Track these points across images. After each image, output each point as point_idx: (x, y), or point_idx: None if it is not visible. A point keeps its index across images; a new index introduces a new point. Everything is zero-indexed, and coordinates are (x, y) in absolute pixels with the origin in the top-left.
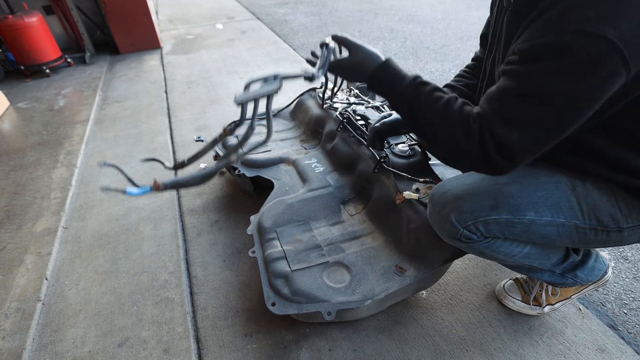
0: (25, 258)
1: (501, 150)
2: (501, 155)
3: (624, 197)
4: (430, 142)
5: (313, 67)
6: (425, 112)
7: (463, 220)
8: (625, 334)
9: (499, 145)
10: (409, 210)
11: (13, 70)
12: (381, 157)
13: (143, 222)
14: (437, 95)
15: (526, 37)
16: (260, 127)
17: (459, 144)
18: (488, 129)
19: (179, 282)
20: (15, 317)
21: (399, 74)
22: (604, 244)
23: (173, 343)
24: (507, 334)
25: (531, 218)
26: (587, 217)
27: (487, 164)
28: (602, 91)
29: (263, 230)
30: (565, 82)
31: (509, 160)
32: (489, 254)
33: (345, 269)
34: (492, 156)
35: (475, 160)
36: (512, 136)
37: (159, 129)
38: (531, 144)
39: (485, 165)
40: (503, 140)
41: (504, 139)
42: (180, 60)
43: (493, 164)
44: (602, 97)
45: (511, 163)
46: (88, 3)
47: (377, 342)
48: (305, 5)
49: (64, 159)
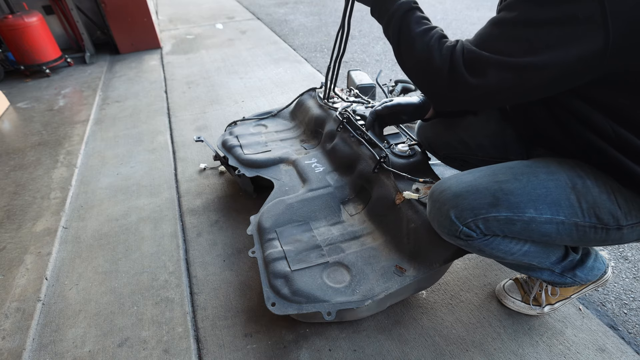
0: (25, 258)
1: (469, 63)
2: (468, 68)
3: (624, 194)
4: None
5: None
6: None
7: (462, 217)
8: (625, 334)
9: (468, 59)
10: (408, 210)
11: (13, 70)
12: (381, 157)
13: (143, 222)
14: (424, 21)
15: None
16: (260, 127)
17: (432, 63)
18: (462, 49)
19: (179, 282)
20: (15, 317)
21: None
22: (603, 242)
23: (173, 343)
24: (507, 334)
25: (531, 216)
26: (586, 215)
27: (452, 81)
28: (573, 36)
29: (263, 230)
30: (541, 14)
31: (475, 74)
32: (489, 252)
33: (345, 269)
34: (460, 70)
35: (442, 78)
36: (483, 53)
37: (159, 129)
38: (498, 63)
39: (450, 82)
40: (473, 54)
41: (475, 53)
42: (180, 60)
43: (456, 78)
44: (572, 44)
45: (475, 78)
46: (88, 3)
47: (377, 342)
48: (305, 5)
49: (64, 159)
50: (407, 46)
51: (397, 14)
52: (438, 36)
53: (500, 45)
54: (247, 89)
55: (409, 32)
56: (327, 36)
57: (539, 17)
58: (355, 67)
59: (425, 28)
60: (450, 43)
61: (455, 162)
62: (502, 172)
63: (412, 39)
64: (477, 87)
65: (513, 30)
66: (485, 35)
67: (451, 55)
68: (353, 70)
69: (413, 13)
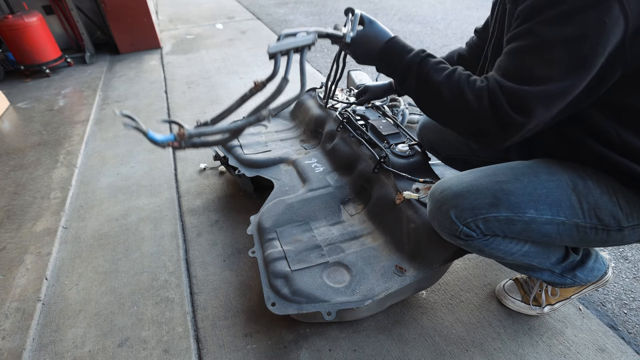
0: (25, 258)
1: (512, 101)
2: (513, 107)
3: (625, 195)
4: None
5: None
6: (432, 79)
7: (463, 217)
8: (625, 334)
9: (510, 97)
10: (408, 210)
11: (13, 70)
12: (381, 157)
13: (143, 222)
14: (442, 66)
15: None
16: (260, 127)
17: (468, 106)
18: (498, 86)
19: (179, 282)
20: (15, 317)
21: (405, 47)
22: (604, 243)
23: (173, 343)
24: (507, 334)
25: (531, 216)
26: (587, 216)
27: (499, 122)
28: (604, 37)
29: (263, 230)
30: (568, 29)
31: (523, 114)
32: (488, 252)
33: (345, 269)
34: (504, 110)
35: (486, 121)
36: (523, 88)
37: (159, 129)
38: (543, 94)
39: (497, 124)
40: (514, 91)
41: (516, 90)
42: (180, 60)
43: (506, 120)
44: (605, 46)
45: (525, 117)
46: (88, 3)
47: (377, 342)
48: (305, 5)
49: (64, 159)
50: (434, 96)
51: (412, 68)
52: (465, 76)
53: (538, 72)
54: (247, 88)
55: (431, 82)
56: None
57: (566, 34)
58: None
59: (447, 72)
60: (481, 82)
61: (457, 163)
62: (503, 172)
63: (437, 88)
64: (527, 124)
65: (546, 54)
66: (517, 66)
67: (490, 96)
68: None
69: (427, 62)
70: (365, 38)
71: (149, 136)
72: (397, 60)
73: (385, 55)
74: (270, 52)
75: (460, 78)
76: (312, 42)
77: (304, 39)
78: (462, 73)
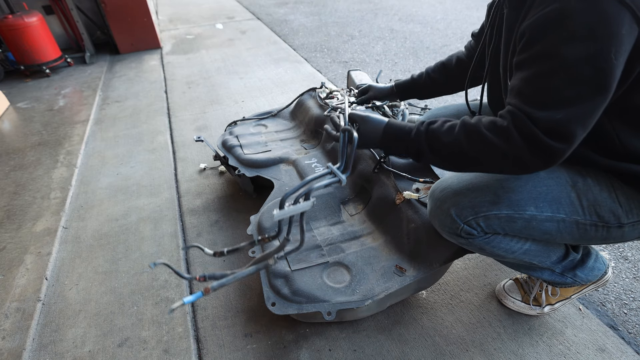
0: (25, 258)
1: (551, 132)
2: (552, 136)
3: (625, 192)
4: (470, 167)
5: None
6: (446, 143)
7: (463, 215)
8: (625, 334)
9: (547, 129)
10: (409, 210)
11: (13, 70)
12: (381, 157)
13: (143, 222)
14: (448, 125)
15: (531, 15)
16: (260, 127)
17: (497, 149)
18: (527, 119)
19: (179, 282)
20: (15, 317)
21: (403, 129)
22: (604, 240)
23: (173, 343)
24: (507, 334)
25: (532, 213)
26: (587, 213)
27: (539, 155)
28: (623, 47)
29: (263, 230)
30: (585, 44)
31: (563, 140)
32: (489, 250)
33: (345, 269)
34: (542, 141)
35: (523, 156)
36: (557, 115)
37: (159, 129)
38: (579, 115)
39: (538, 157)
40: (549, 122)
41: (550, 120)
42: (180, 60)
43: (547, 151)
44: (624, 55)
45: (566, 143)
46: (88, 3)
47: (377, 342)
48: (305, 5)
49: (64, 159)
50: (458, 157)
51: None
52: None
53: (569, 94)
54: (247, 89)
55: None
56: (327, 36)
57: (586, 50)
58: (355, 67)
59: (457, 129)
60: (502, 120)
61: None
62: None
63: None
64: (569, 149)
65: (572, 74)
66: (544, 92)
67: (520, 132)
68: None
69: (432, 130)
70: (364, 136)
71: (185, 302)
72: (402, 143)
73: (388, 141)
74: (275, 220)
75: (475, 127)
76: (310, 207)
77: (304, 206)
78: (471, 122)
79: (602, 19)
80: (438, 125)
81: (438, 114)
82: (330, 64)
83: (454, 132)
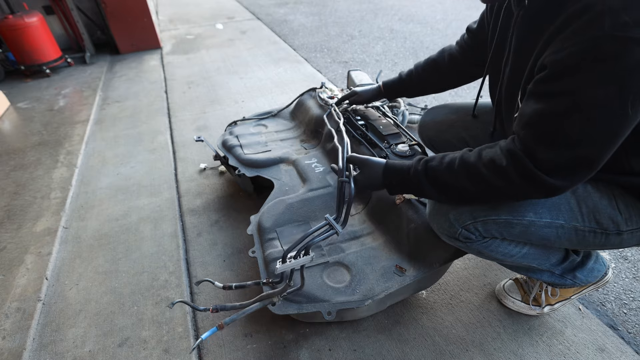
0: (25, 258)
1: (555, 172)
2: (556, 176)
3: (625, 199)
4: (472, 200)
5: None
6: (446, 180)
7: (462, 220)
8: (625, 333)
9: (550, 169)
10: (409, 210)
11: (13, 70)
12: (381, 157)
13: (143, 222)
14: (447, 160)
15: (557, 48)
16: (260, 127)
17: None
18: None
19: (179, 282)
20: (15, 317)
21: (402, 168)
22: (602, 246)
23: (173, 343)
24: (507, 334)
25: (530, 219)
26: (586, 220)
27: (541, 191)
28: None
29: (263, 230)
30: (609, 91)
31: (567, 179)
32: (488, 254)
33: (345, 269)
34: (545, 182)
35: (526, 192)
36: (564, 156)
37: (159, 129)
38: (588, 158)
39: (540, 193)
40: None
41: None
42: (180, 60)
43: (550, 188)
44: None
45: (570, 181)
46: (88, 3)
47: (377, 342)
48: (305, 5)
49: (64, 159)
50: (460, 192)
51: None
52: (478, 159)
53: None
54: (247, 89)
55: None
56: (327, 36)
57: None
58: (355, 67)
59: (458, 166)
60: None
61: None
62: None
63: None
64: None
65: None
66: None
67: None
68: (353, 70)
69: (430, 167)
70: (365, 179)
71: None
72: (401, 182)
73: (390, 183)
74: (277, 272)
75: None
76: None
77: (304, 260)
78: (470, 160)
79: (630, 67)
80: (436, 162)
81: (438, 113)
82: (330, 64)
83: (452, 168)
